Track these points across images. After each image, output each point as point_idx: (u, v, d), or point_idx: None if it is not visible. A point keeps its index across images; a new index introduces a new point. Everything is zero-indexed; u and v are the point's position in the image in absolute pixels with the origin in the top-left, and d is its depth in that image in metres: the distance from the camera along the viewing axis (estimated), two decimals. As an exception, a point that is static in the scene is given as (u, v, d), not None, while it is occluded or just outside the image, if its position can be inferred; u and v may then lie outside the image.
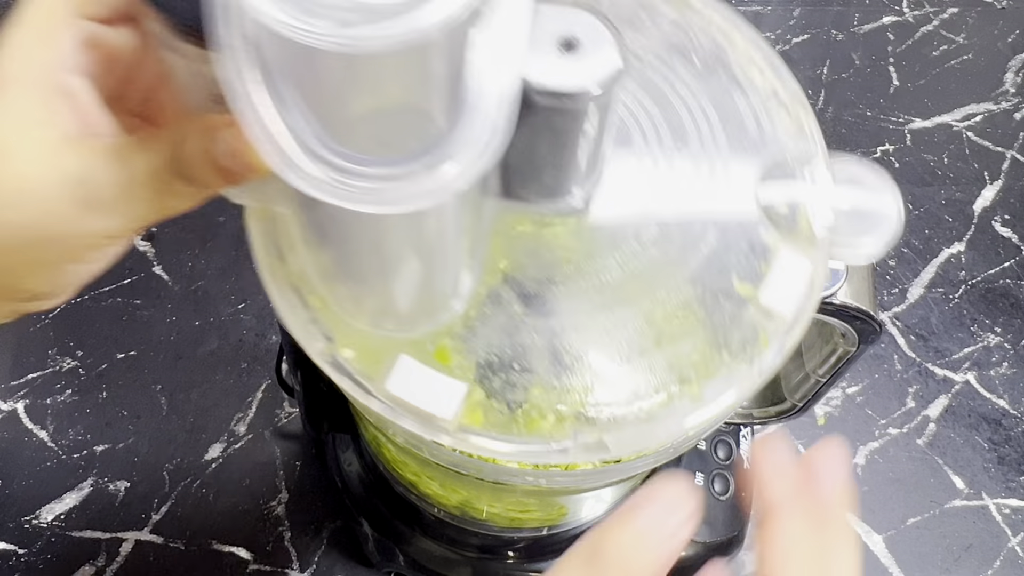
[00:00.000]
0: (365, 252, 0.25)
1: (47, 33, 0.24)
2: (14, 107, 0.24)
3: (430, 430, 0.27)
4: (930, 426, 0.62)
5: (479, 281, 0.28)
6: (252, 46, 0.19)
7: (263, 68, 0.19)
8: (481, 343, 0.28)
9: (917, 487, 0.60)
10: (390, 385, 0.27)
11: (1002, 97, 0.80)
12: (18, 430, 0.59)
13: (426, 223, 0.24)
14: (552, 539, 0.50)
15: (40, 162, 0.24)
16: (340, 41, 0.17)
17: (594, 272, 0.29)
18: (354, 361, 0.27)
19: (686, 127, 0.31)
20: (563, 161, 0.27)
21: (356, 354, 0.27)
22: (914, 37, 0.83)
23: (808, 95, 0.79)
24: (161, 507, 0.57)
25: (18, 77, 0.24)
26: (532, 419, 0.27)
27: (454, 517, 0.49)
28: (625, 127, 0.31)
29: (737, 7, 0.85)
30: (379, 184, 0.19)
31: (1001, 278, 0.69)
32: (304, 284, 0.28)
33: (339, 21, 0.17)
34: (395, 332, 0.28)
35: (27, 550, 0.55)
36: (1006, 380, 0.64)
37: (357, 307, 0.28)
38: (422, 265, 0.25)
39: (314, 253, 0.27)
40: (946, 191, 0.73)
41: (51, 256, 0.25)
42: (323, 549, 0.56)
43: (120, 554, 0.55)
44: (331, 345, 0.28)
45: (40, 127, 0.24)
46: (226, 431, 0.60)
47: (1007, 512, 0.59)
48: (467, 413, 0.27)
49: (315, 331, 0.28)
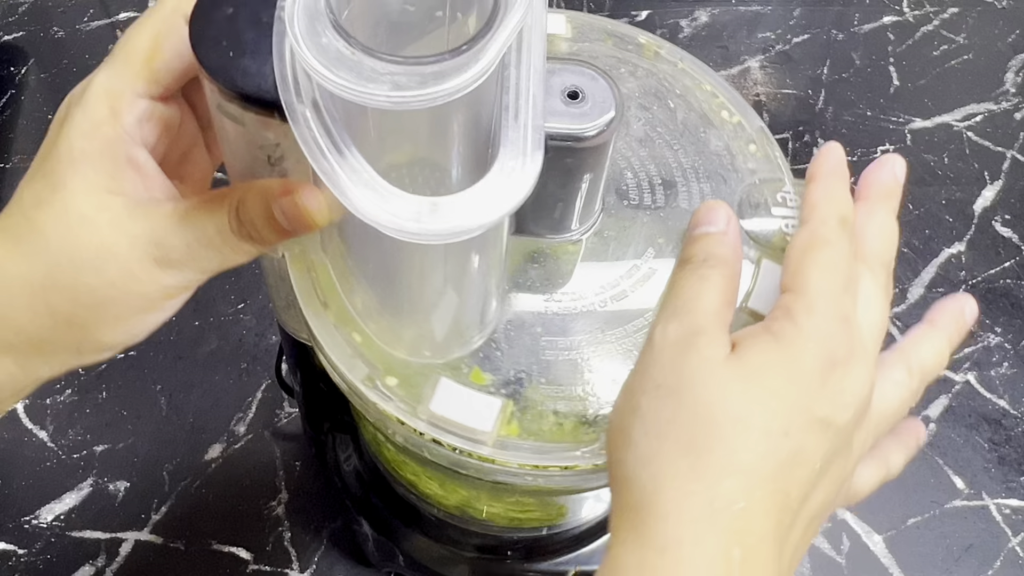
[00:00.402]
0: (412, 287, 0.28)
1: (113, 112, 0.27)
2: (88, 180, 0.27)
3: (472, 444, 0.30)
4: (930, 426, 0.62)
5: (502, 307, 0.32)
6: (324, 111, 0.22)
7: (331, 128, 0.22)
8: (510, 362, 0.31)
9: (917, 487, 0.59)
10: (434, 406, 0.30)
11: (1002, 97, 0.80)
12: (18, 430, 0.59)
13: (468, 254, 0.27)
14: (552, 539, 0.50)
15: (116, 228, 0.27)
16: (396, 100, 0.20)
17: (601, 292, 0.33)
18: (397, 388, 0.31)
19: (669, 162, 0.36)
20: (571, 197, 0.31)
21: (399, 381, 0.31)
22: (914, 37, 0.83)
23: (808, 95, 0.79)
24: (161, 507, 0.57)
25: (88, 152, 0.27)
26: (561, 426, 0.31)
27: (454, 517, 0.49)
28: (618, 165, 0.36)
29: (737, 7, 0.85)
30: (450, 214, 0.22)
31: (1001, 278, 0.69)
32: (345, 324, 0.32)
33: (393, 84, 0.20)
34: (432, 359, 0.31)
35: (27, 550, 0.55)
36: (1006, 380, 0.64)
37: (398, 339, 0.31)
38: (459, 296, 0.28)
39: (357, 294, 0.31)
40: (946, 191, 0.73)
41: (127, 310, 0.28)
42: (323, 549, 0.56)
43: (120, 554, 0.55)
44: (375, 375, 0.31)
45: (112, 195, 0.27)
46: (226, 431, 0.60)
47: (1007, 512, 0.59)
48: (503, 425, 0.30)
49: (359, 364, 0.31)
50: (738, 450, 0.24)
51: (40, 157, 0.28)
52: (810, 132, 0.77)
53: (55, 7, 0.82)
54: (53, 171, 0.27)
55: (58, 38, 0.80)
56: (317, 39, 0.21)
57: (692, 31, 0.83)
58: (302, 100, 0.22)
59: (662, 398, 0.25)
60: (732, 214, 0.30)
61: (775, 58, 0.81)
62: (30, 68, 0.78)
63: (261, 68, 0.25)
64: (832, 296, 0.27)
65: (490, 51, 0.21)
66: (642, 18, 0.83)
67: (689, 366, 0.26)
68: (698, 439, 0.24)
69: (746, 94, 0.79)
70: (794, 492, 0.25)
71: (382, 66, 0.21)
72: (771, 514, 0.24)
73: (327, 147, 0.22)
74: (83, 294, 0.27)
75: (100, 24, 0.81)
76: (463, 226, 0.22)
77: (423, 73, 0.20)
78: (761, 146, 0.37)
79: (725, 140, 0.37)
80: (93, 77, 0.28)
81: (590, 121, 0.29)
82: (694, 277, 0.28)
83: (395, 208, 0.22)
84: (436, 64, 0.21)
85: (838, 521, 0.58)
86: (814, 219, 0.29)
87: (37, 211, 0.27)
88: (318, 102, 0.22)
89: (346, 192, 0.22)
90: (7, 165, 0.72)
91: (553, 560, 0.50)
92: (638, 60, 0.39)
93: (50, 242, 0.27)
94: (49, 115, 0.74)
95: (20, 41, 0.80)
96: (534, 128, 0.23)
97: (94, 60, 0.77)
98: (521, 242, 0.33)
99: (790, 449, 0.25)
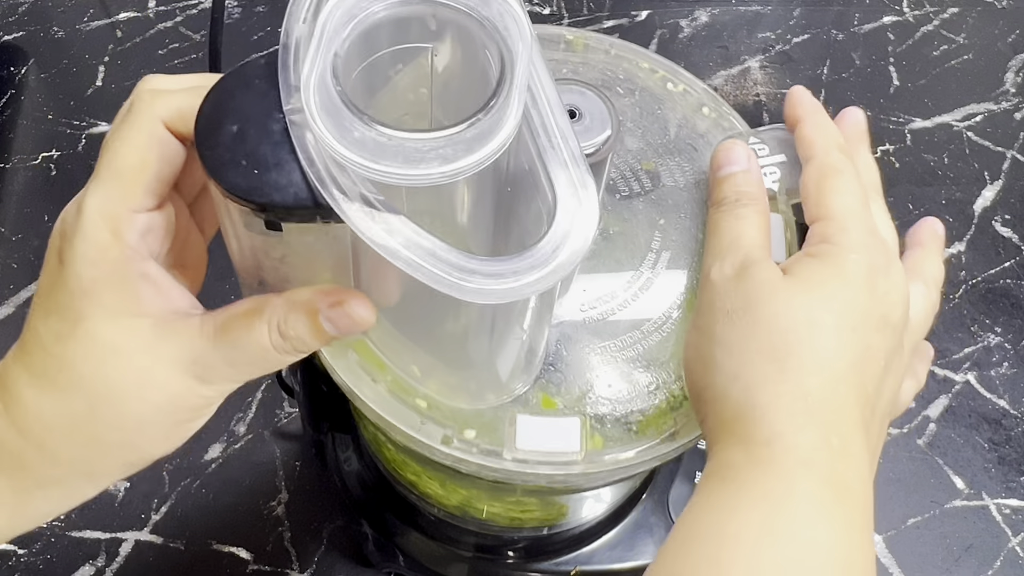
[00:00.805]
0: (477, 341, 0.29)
1: (114, 234, 0.27)
2: (107, 307, 0.27)
3: (563, 467, 0.31)
4: (930, 426, 0.62)
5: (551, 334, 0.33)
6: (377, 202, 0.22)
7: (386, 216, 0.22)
8: (570, 379, 0.32)
9: (917, 487, 0.59)
10: (520, 443, 0.31)
11: (1002, 97, 0.79)
12: (18, 430, 0.59)
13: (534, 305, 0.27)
14: (552, 539, 0.50)
15: (150, 352, 0.27)
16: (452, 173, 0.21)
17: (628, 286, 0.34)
18: (476, 438, 0.31)
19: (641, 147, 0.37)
20: None
21: (476, 432, 0.31)
22: (914, 37, 0.83)
23: (808, 95, 0.79)
24: (161, 507, 0.57)
25: (99, 280, 0.26)
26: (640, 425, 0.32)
27: (454, 517, 0.49)
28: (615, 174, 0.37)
29: (737, 7, 0.85)
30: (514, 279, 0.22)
31: (1001, 278, 0.69)
32: (405, 392, 0.32)
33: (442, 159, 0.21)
34: (497, 403, 0.32)
35: (27, 550, 0.55)
36: (1006, 380, 0.64)
37: (464, 392, 0.32)
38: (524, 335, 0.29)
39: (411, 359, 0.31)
40: (946, 191, 0.73)
41: (174, 425, 0.29)
42: (323, 549, 0.56)
43: (120, 554, 0.55)
44: (452, 434, 0.31)
45: (136, 318, 0.27)
46: (226, 431, 0.60)
47: (1007, 512, 0.59)
48: (588, 441, 0.31)
49: (432, 427, 0.32)
50: (816, 348, 0.27)
51: (44, 291, 0.28)
52: (810, 132, 0.77)
53: (55, 7, 0.82)
54: (68, 305, 0.27)
55: (58, 38, 0.80)
56: (350, 135, 0.21)
57: (692, 31, 0.83)
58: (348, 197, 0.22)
59: (735, 321, 0.28)
60: (751, 151, 0.33)
61: (775, 58, 0.81)
62: (30, 68, 0.78)
63: (290, 178, 0.24)
64: (858, 214, 0.29)
65: (516, 99, 0.21)
66: (642, 18, 0.83)
67: (754, 289, 0.28)
68: (778, 346, 0.27)
69: (746, 94, 0.79)
70: (870, 386, 0.27)
71: (424, 144, 0.21)
72: (856, 406, 0.27)
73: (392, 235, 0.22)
74: (129, 420, 0.27)
75: (100, 24, 0.81)
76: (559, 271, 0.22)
77: (466, 139, 0.21)
78: (713, 107, 0.39)
79: (679, 111, 0.38)
80: (83, 202, 0.27)
81: (589, 139, 0.29)
82: (731, 217, 0.31)
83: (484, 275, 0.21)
84: (475, 126, 0.21)
85: (838, 521, 0.58)
86: (817, 152, 0.31)
87: (62, 347, 0.27)
88: (366, 195, 0.22)
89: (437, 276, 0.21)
90: (7, 165, 0.72)
91: (553, 560, 0.50)
92: (571, 56, 0.40)
93: (84, 377, 0.27)
94: (49, 115, 0.74)
95: (20, 41, 0.80)
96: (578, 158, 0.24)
97: (94, 60, 0.77)
98: None
99: (860, 344, 0.27)
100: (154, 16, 0.81)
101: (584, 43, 0.40)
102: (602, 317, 0.33)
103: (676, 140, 0.37)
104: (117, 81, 0.76)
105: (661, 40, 0.82)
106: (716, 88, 0.79)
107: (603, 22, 0.83)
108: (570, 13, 0.84)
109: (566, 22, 0.83)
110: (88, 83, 0.76)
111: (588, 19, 0.83)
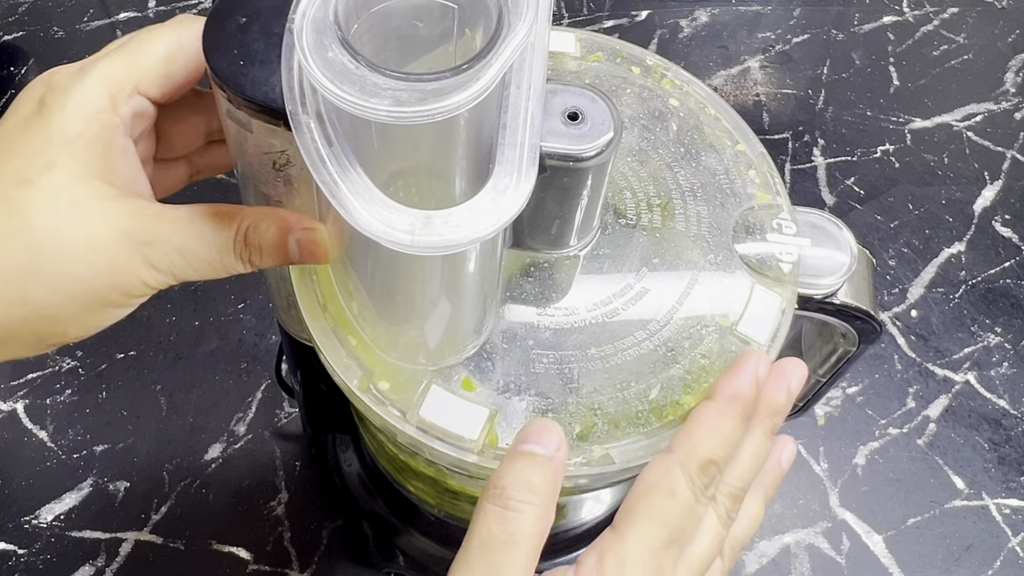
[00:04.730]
0: (407, 296, 0.29)
1: (113, 100, 0.27)
2: (81, 164, 0.26)
3: (458, 451, 0.30)
4: (930, 426, 0.62)
5: (496, 318, 0.32)
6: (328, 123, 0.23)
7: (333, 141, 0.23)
8: (500, 373, 0.32)
9: (917, 487, 0.60)
10: (423, 412, 0.31)
11: (1002, 97, 0.80)
12: (18, 430, 0.59)
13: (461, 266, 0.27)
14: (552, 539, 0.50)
15: (108, 219, 0.26)
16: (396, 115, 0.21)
17: (593, 309, 0.33)
18: (389, 392, 0.31)
19: (668, 183, 0.36)
20: (568, 214, 0.32)
21: (391, 386, 0.31)
22: (914, 37, 0.83)
23: (808, 95, 0.79)
24: (161, 507, 0.57)
25: (85, 135, 0.26)
26: None
27: (454, 517, 0.49)
28: (618, 184, 0.36)
29: (737, 7, 0.85)
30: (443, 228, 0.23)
31: (1001, 278, 0.69)
32: (343, 327, 0.32)
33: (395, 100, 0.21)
34: (426, 366, 0.32)
35: (27, 550, 0.55)
36: (1006, 380, 0.64)
37: (392, 345, 0.32)
38: (453, 306, 0.29)
39: (354, 299, 0.31)
40: (946, 191, 0.73)
41: (102, 304, 0.27)
42: (323, 549, 0.56)
43: (120, 554, 0.55)
44: (368, 379, 0.31)
45: (104, 184, 0.27)
46: (226, 431, 0.60)
47: (1007, 512, 0.59)
48: (488, 434, 0.31)
49: (354, 367, 0.32)
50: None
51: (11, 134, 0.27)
52: (810, 132, 0.77)
53: (55, 7, 0.82)
54: (40, 150, 0.26)
55: (58, 38, 0.80)
56: (324, 53, 0.22)
57: (692, 31, 0.83)
58: (307, 111, 0.23)
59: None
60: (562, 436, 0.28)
61: (775, 58, 0.81)
62: (30, 68, 0.78)
63: (270, 78, 0.26)
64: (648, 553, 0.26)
65: (490, 71, 0.21)
66: (642, 18, 0.83)
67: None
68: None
69: (746, 94, 0.79)
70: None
71: (384, 81, 0.21)
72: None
73: (328, 158, 0.23)
74: (66, 284, 0.26)
75: (100, 24, 0.81)
76: (455, 240, 0.22)
77: (424, 90, 0.21)
78: (760, 171, 0.37)
79: (725, 164, 0.37)
80: (89, 64, 0.27)
81: (589, 142, 0.29)
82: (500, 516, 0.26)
83: (390, 221, 0.22)
84: (437, 82, 0.21)
85: (838, 521, 0.58)
86: (674, 457, 0.27)
87: (20, 191, 0.26)
88: (323, 114, 0.23)
89: (344, 203, 0.22)
90: (7, 165, 0.72)
91: (553, 560, 0.50)
92: (643, 80, 0.39)
93: (34, 227, 0.26)
94: (49, 115, 0.74)
95: (20, 41, 0.80)
96: (530, 147, 0.24)
97: (94, 60, 0.77)
98: (518, 255, 0.34)
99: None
100: (154, 16, 0.81)
101: (663, 72, 0.39)
102: (556, 327, 0.33)
103: (706, 188, 0.36)
104: (117, 81, 0.76)
105: (661, 40, 0.82)
106: (716, 88, 0.79)
107: (603, 22, 0.83)
108: (570, 13, 0.84)
109: (566, 22, 0.83)
110: (88, 83, 0.76)
111: (588, 19, 0.83)
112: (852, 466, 0.60)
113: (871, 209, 0.72)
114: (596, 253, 0.34)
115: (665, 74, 0.40)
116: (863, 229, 0.71)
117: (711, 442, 0.28)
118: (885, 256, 0.70)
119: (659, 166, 0.37)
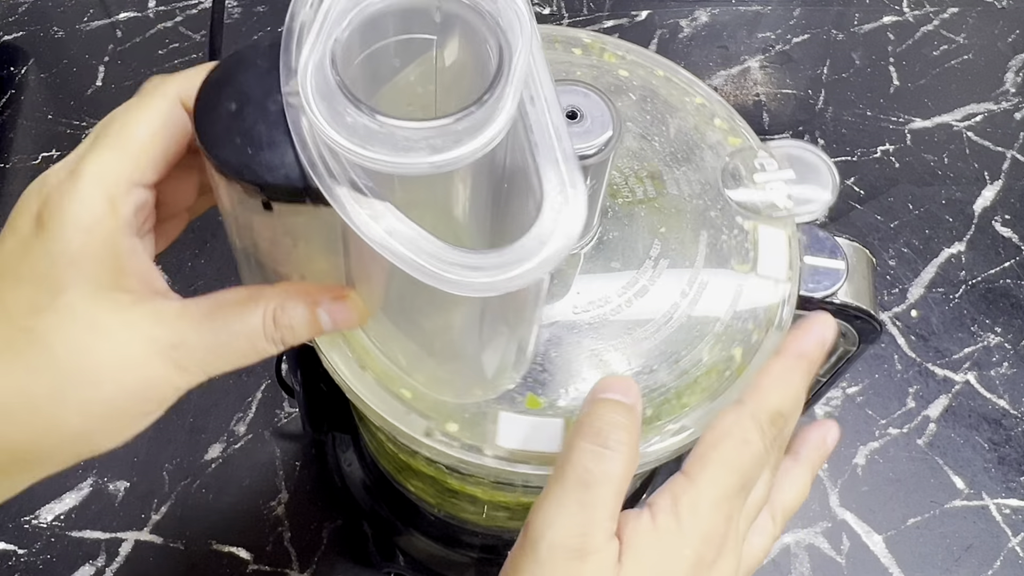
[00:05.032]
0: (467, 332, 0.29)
1: (111, 203, 0.25)
2: (92, 280, 0.25)
3: (547, 467, 0.30)
4: (930, 426, 0.62)
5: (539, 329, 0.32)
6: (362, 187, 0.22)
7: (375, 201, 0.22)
8: (558, 381, 0.32)
9: (917, 487, 0.59)
10: (501, 441, 0.30)
11: (1002, 97, 0.80)
12: (18, 430, 0.59)
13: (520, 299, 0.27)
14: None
15: (131, 331, 0.25)
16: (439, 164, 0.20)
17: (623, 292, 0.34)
18: (459, 433, 0.31)
19: (648, 154, 0.37)
20: None
21: (459, 427, 0.31)
22: (914, 37, 0.83)
23: (808, 95, 0.79)
24: (161, 507, 0.57)
25: (90, 249, 0.25)
26: None
27: (454, 516, 0.49)
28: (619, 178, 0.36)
29: (737, 7, 0.85)
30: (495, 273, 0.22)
31: (1001, 278, 0.69)
32: (389, 383, 0.32)
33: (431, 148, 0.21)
34: (484, 396, 0.31)
35: (27, 550, 0.55)
36: (1006, 380, 0.64)
37: (448, 386, 0.31)
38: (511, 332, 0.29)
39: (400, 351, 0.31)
40: (946, 191, 0.73)
41: (136, 417, 0.27)
42: (323, 549, 0.56)
43: (120, 554, 0.55)
44: (438, 426, 0.31)
45: (120, 294, 0.25)
46: (226, 431, 0.60)
47: (1007, 512, 0.59)
48: None
49: (415, 417, 0.31)
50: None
51: (14, 257, 0.25)
52: (810, 132, 0.77)
53: (55, 7, 0.82)
54: (46, 274, 0.25)
55: (58, 38, 0.80)
56: (342, 120, 0.21)
57: (692, 31, 0.83)
58: (337, 181, 0.22)
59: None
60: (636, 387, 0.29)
61: (775, 58, 0.81)
62: (30, 68, 0.78)
63: (283, 159, 0.24)
64: (722, 498, 0.27)
65: (511, 94, 0.21)
66: (642, 18, 0.83)
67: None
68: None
69: (746, 94, 0.79)
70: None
71: (414, 132, 0.20)
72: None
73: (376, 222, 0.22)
74: (96, 407, 0.25)
75: (100, 24, 0.81)
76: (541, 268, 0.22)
77: (457, 131, 0.21)
78: (723, 118, 0.38)
79: (691, 120, 0.38)
80: (79, 167, 0.25)
81: (590, 140, 0.29)
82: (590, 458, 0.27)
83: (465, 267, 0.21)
84: (466, 119, 0.21)
85: (838, 521, 0.58)
86: (746, 408, 0.28)
87: (36, 320, 0.24)
88: (355, 180, 0.22)
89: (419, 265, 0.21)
90: (7, 165, 0.72)
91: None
92: (587, 60, 0.40)
93: (56, 355, 0.24)
94: (49, 115, 0.74)
95: (20, 41, 0.80)
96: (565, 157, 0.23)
97: (94, 60, 0.77)
98: None
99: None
100: (154, 16, 0.81)
101: (601, 47, 0.40)
102: (594, 321, 0.33)
103: (683, 148, 0.37)
104: (117, 81, 0.76)
105: (661, 40, 0.82)
106: (716, 88, 0.79)
107: (603, 22, 0.83)
108: (570, 13, 0.84)
109: (566, 22, 0.83)
110: (88, 83, 0.76)
111: (588, 19, 0.83)
112: (852, 466, 0.60)
113: (871, 209, 0.72)
114: (606, 239, 0.35)
115: (604, 48, 0.40)
116: (863, 229, 0.71)
117: (779, 395, 0.29)
118: (885, 256, 0.70)
119: (634, 138, 0.37)
